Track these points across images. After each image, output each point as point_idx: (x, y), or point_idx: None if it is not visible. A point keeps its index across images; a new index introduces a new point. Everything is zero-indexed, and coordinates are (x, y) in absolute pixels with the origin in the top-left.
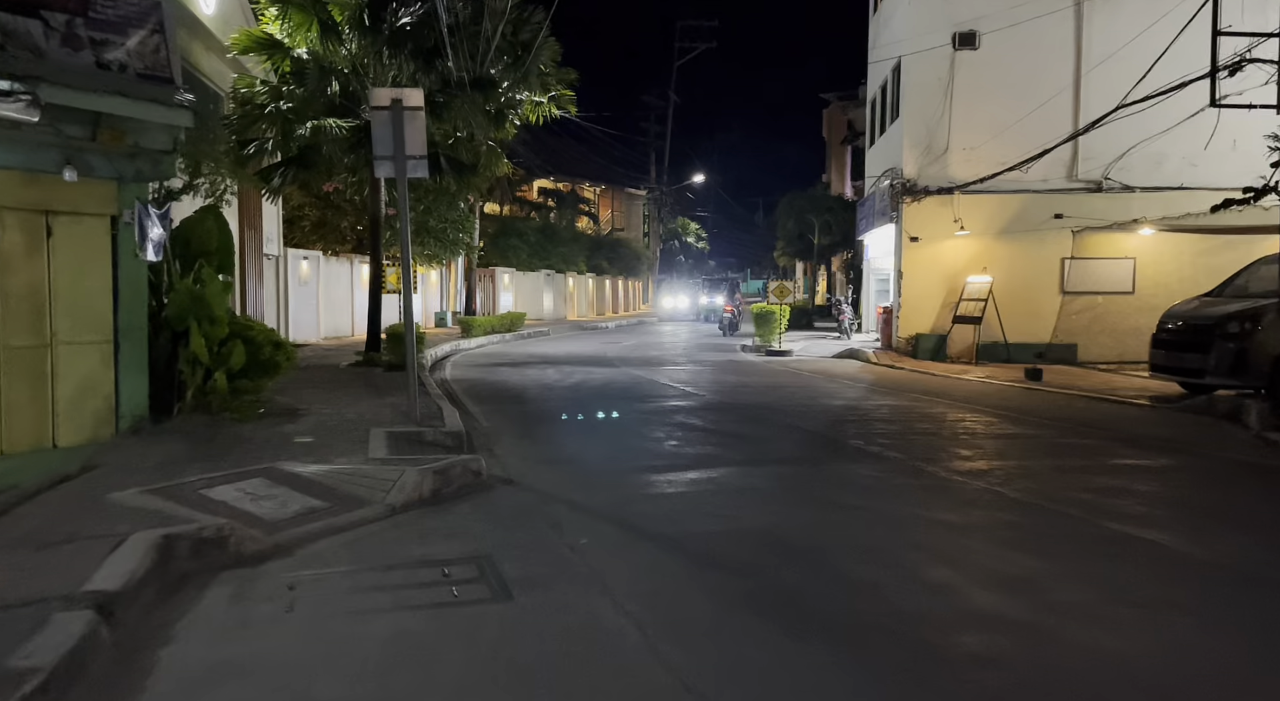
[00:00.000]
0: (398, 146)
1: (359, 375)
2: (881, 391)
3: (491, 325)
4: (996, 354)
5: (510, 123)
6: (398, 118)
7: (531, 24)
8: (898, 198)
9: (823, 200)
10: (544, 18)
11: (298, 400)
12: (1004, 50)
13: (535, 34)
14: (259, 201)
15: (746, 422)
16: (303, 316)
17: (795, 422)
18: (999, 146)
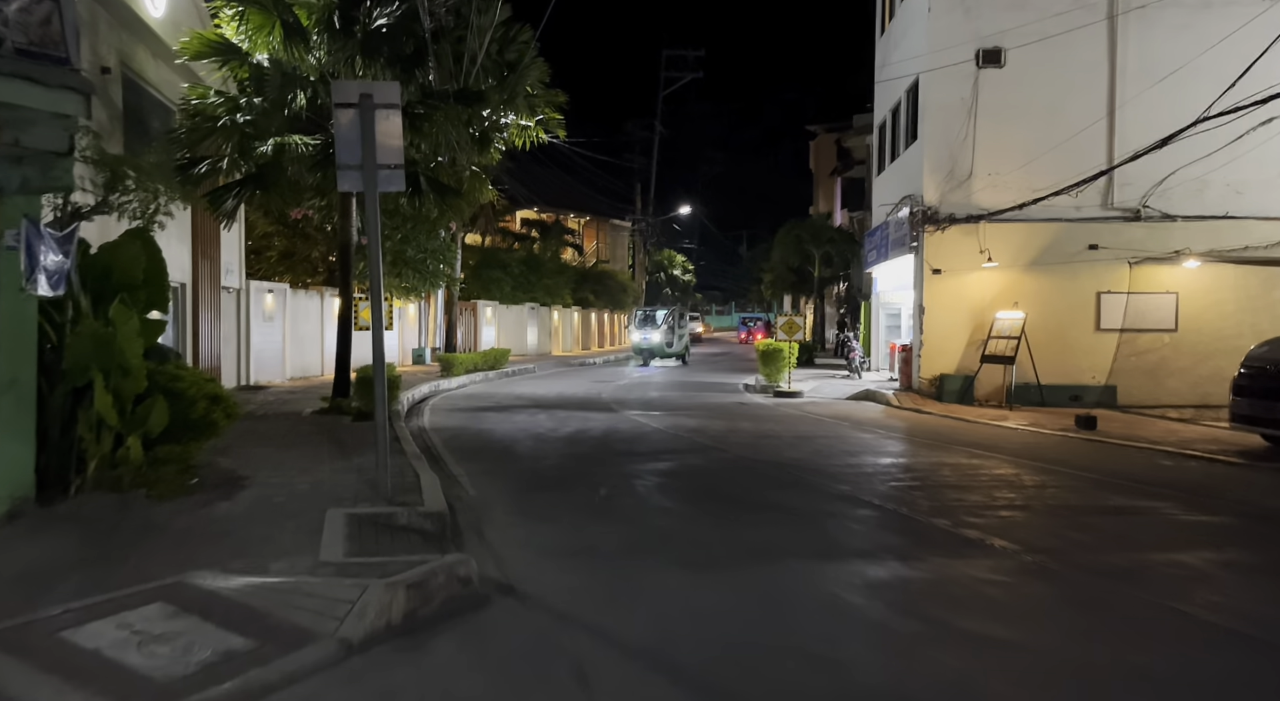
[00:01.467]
0: (367, 153)
1: (322, 426)
2: (924, 444)
3: (474, 363)
4: (1029, 396)
5: (495, 147)
6: (367, 117)
7: (518, 42)
8: (918, 226)
9: (824, 230)
10: (531, 35)
11: (243, 463)
12: (1032, 68)
13: (522, 53)
14: (216, 228)
15: (790, 490)
16: (266, 355)
17: (849, 491)
18: (1028, 172)
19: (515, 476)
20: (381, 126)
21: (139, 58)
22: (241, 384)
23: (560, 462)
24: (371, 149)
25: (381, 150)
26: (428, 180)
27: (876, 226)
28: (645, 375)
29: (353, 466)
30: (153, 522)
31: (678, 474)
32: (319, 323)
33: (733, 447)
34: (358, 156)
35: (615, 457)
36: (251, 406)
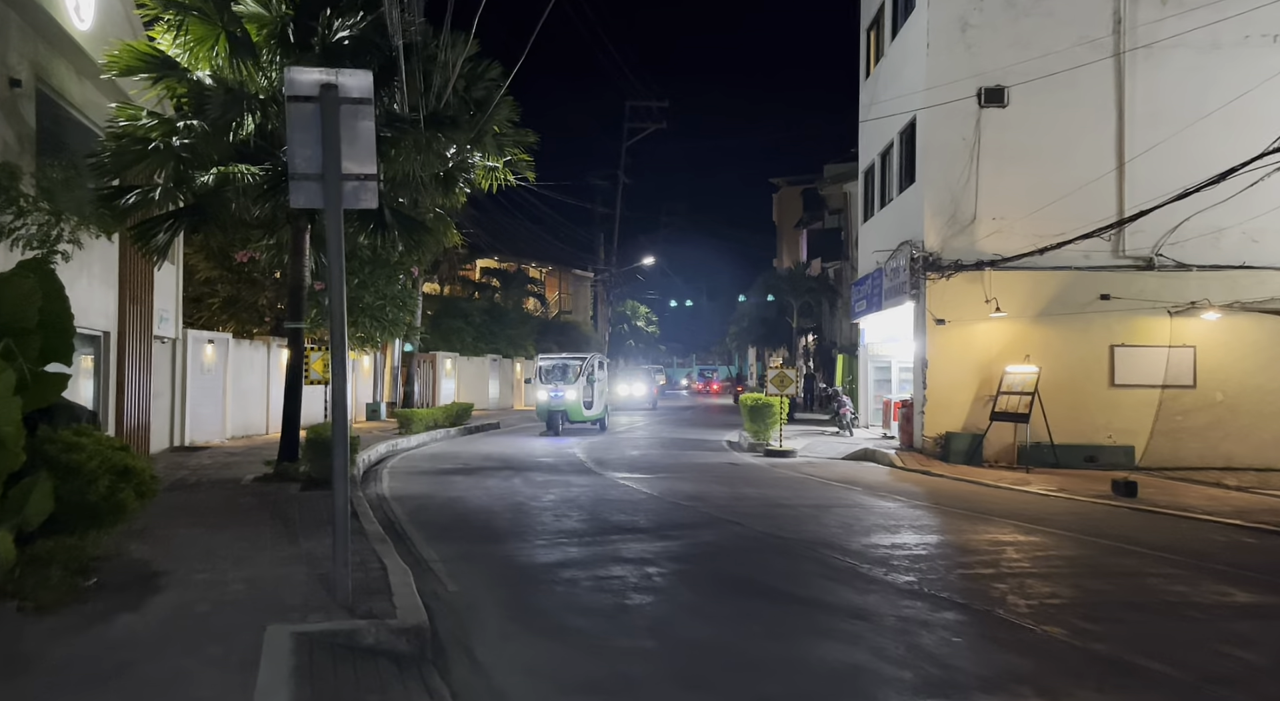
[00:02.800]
0: (329, 159)
1: (266, 497)
2: (959, 515)
3: (434, 418)
4: (1041, 457)
5: (460, 189)
6: (330, 114)
7: (486, 80)
8: (919, 274)
9: (802, 281)
10: (501, 71)
11: (163, 551)
12: (1037, 108)
13: (491, 91)
14: (148, 270)
15: (843, 581)
16: (205, 412)
17: (915, 583)
18: (1034, 216)
19: (501, 564)
20: (349, 126)
21: (59, 73)
22: (175, 445)
23: (551, 543)
24: (336, 154)
25: (349, 155)
26: (393, 214)
27: (866, 275)
28: (611, 436)
29: (301, 553)
30: (18, 653)
31: (697, 557)
32: (264, 376)
33: (747, 520)
34: (317, 164)
35: (615, 535)
36: (183, 472)
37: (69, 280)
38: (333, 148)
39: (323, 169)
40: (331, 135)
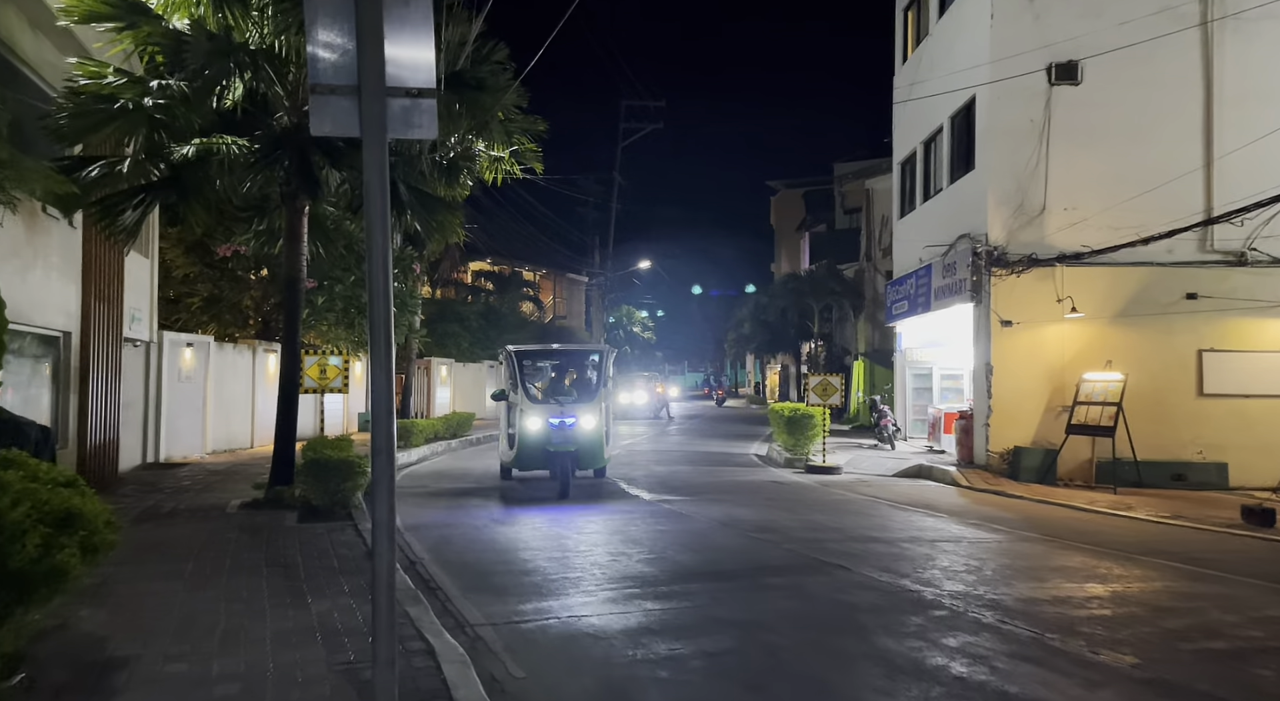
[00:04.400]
0: (369, 58)
1: (257, 531)
2: (1086, 550)
3: (435, 429)
4: (1122, 474)
5: (464, 180)
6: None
7: (492, 61)
8: (982, 271)
9: (824, 282)
10: (506, 54)
11: (126, 617)
12: (1113, 85)
13: (496, 74)
14: (117, 263)
15: (1046, 665)
16: (183, 423)
17: (1138, 667)
18: (1110, 205)
19: (570, 631)
20: (397, 8)
21: (7, 22)
22: (148, 461)
23: (621, 594)
24: (378, 52)
25: (397, 56)
26: (410, 190)
27: (906, 274)
28: (634, 447)
29: (313, 622)
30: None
31: (821, 622)
32: (249, 383)
33: (849, 560)
34: (350, 69)
35: (696, 583)
36: (157, 495)
37: (19, 269)
38: (373, 41)
39: (358, 75)
40: (371, 21)
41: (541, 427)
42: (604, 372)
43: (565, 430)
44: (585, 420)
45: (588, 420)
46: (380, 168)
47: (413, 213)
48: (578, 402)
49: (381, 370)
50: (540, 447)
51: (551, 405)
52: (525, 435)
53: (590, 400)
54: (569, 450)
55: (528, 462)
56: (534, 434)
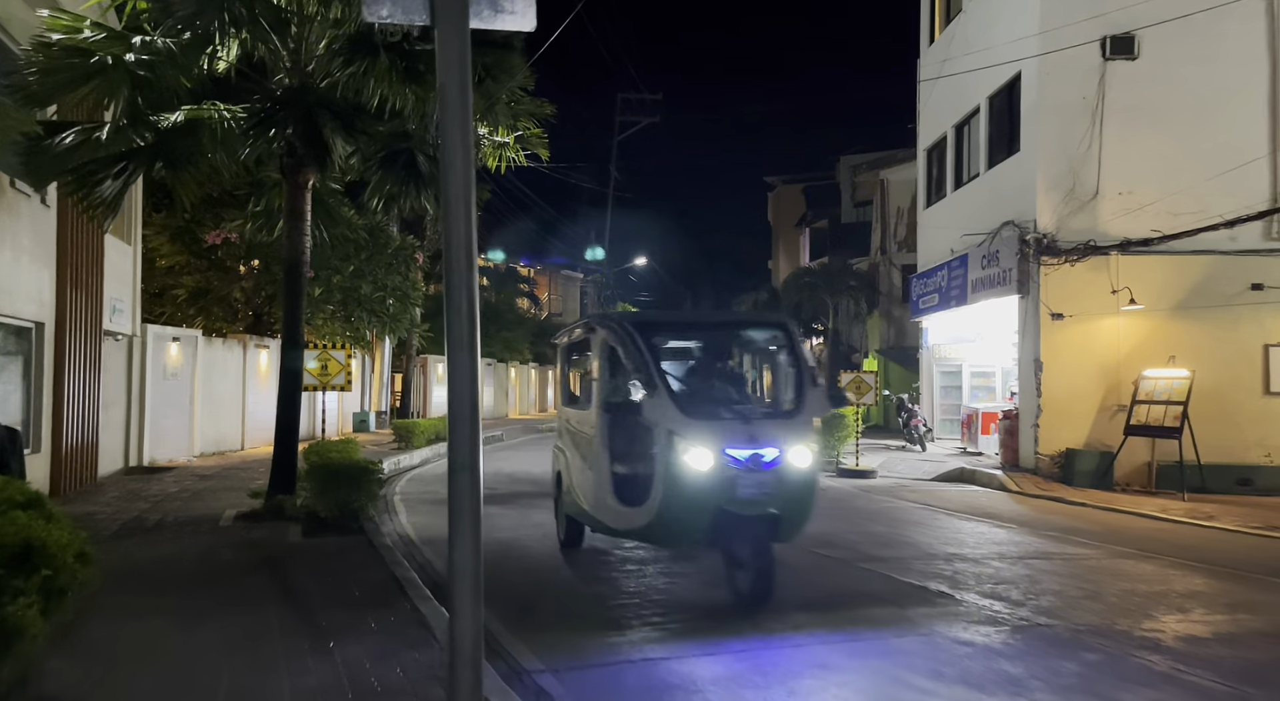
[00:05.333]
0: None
1: (257, 548)
2: (1202, 570)
3: (435, 430)
4: (1181, 479)
5: None
6: None
7: (495, 43)
8: (1029, 260)
9: (840, 277)
10: (510, 33)
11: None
12: (1172, 59)
13: (501, 56)
14: (96, 247)
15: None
16: (168, 424)
17: None
18: (1170, 189)
19: (649, 679)
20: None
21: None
22: (131, 465)
23: (691, 626)
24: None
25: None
26: (429, 160)
27: (936, 266)
28: None
29: (339, 675)
30: None
31: (968, 675)
32: (239, 381)
33: (941, 581)
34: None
35: (777, 620)
36: (141, 505)
37: None
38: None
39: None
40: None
41: (716, 470)
42: (803, 365)
43: (760, 473)
44: (795, 454)
45: (798, 454)
46: (460, 66)
47: (434, 186)
48: (774, 419)
49: (464, 356)
50: (710, 506)
51: (730, 424)
52: (680, 482)
53: (795, 415)
54: (765, 512)
55: (676, 531)
56: (700, 480)
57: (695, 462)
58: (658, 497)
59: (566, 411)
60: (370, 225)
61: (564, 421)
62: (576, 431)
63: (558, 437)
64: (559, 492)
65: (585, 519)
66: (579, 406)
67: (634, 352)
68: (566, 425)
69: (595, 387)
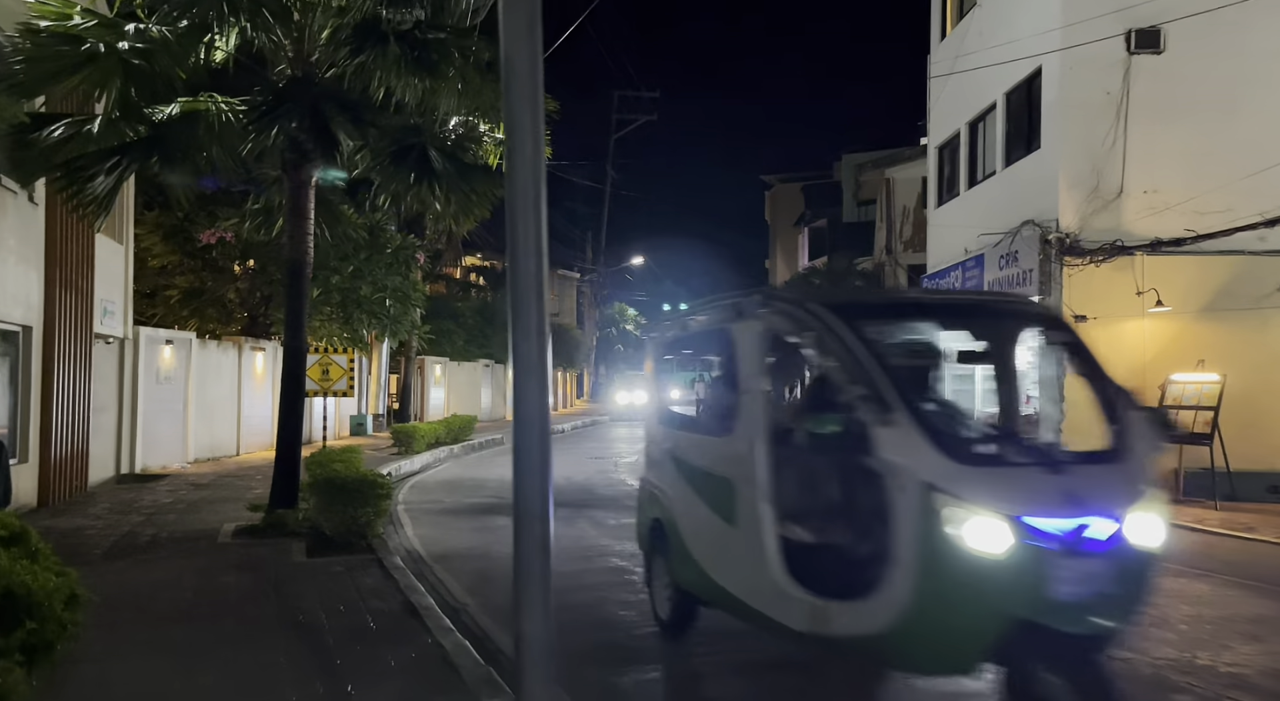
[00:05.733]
0: None
1: (260, 570)
2: (1262, 588)
3: (436, 434)
4: (1210, 486)
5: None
6: None
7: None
8: (1052, 260)
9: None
10: None
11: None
12: (1199, 53)
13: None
14: (86, 247)
15: None
16: (161, 429)
17: None
18: (1196, 187)
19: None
20: None
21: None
22: (123, 472)
23: (780, 664)
24: None
25: None
26: (442, 156)
27: (949, 266)
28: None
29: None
30: None
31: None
32: (234, 384)
33: None
34: None
35: None
36: (134, 518)
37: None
38: None
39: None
40: None
41: (1014, 553)
42: (1106, 378)
43: (1088, 560)
44: (1140, 526)
45: (1146, 526)
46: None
47: (448, 183)
48: (1095, 466)
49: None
50: (999, 614)
51: (1029, 475)
52: (946, 573)
53: (1124, 458)
54: (1097, 627)
55: (933, 652)
56: (984, 571)
57: (977, 539)
58: (900, 596)
59: (677, 436)
60: (370, 224)
61: (667, 450)
62: (699, 468)
63: (649, 470)
64: (656, 552)
65: (722, 601)
66: (707, 430)
67: (843, 353)
68: (674, 455)
69: (749, 404)
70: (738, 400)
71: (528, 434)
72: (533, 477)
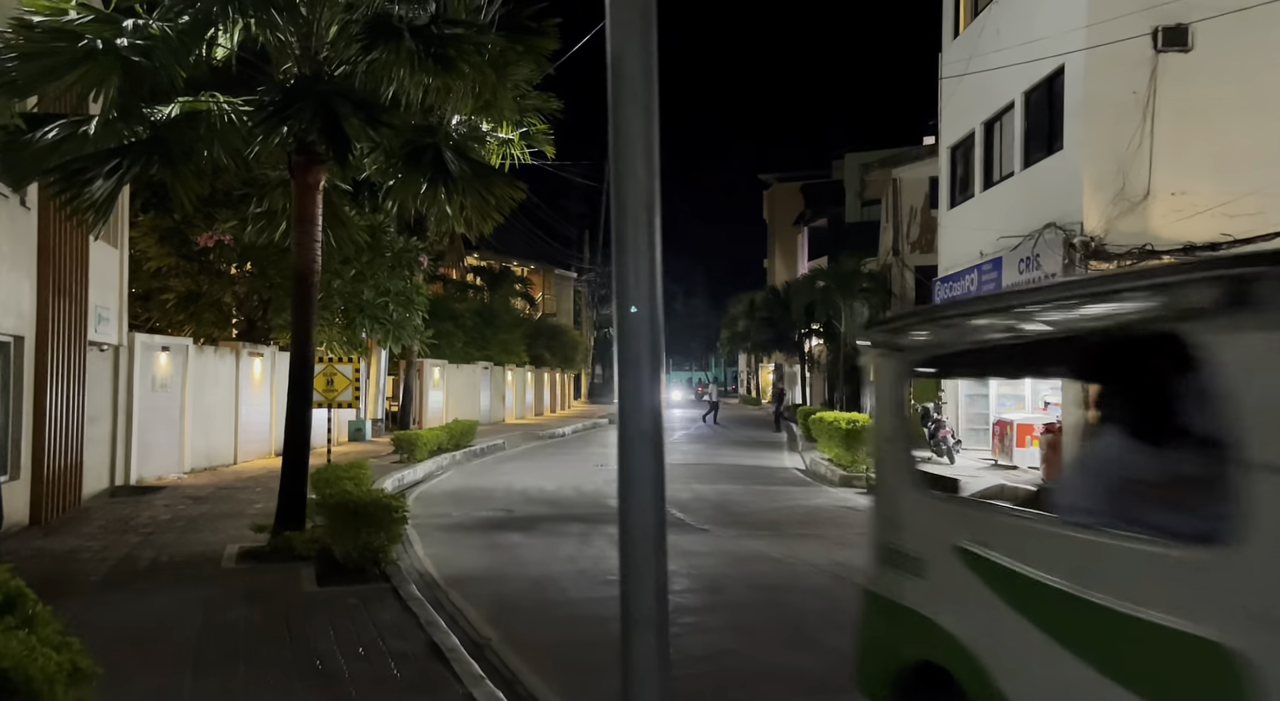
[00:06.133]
0: None
1: (269, 603)
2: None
3: (438, 441)
4: None
5: None
6: None
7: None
8: (1076, 264)
9: (853, 278)
10: None
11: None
12: (1228, 52)
13: (508, 49)
14: (80, 252)
15: None
16: (158, 439)
17: None
18: (1225, 190)
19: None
20: None
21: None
22: (118, 483)
23: None
24: None
25: None
26: (459, 157)
27: (964, 269)
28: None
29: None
30: None
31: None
32: (231, 391)
33: None
34: None
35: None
36: (130, 538)
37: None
38: None
39: None
40: None
41: None
42: None
43: None
44: None
45: None
46: (644, 26)
47: (465, 186)
48: None
49: (644, 417)
50: None
51: None
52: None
53: None
54: None
55: None
56: None
57: None
58: None
59: (993, 523)
60: (371, 226)
61: (958, 548)
62: (1093, 603)
63: (892, 573)
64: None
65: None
66: (1104, 523)
67: None
68: (990, 562)
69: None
70: (1226, 475)
71: (638, 466)
72: (646, 583)
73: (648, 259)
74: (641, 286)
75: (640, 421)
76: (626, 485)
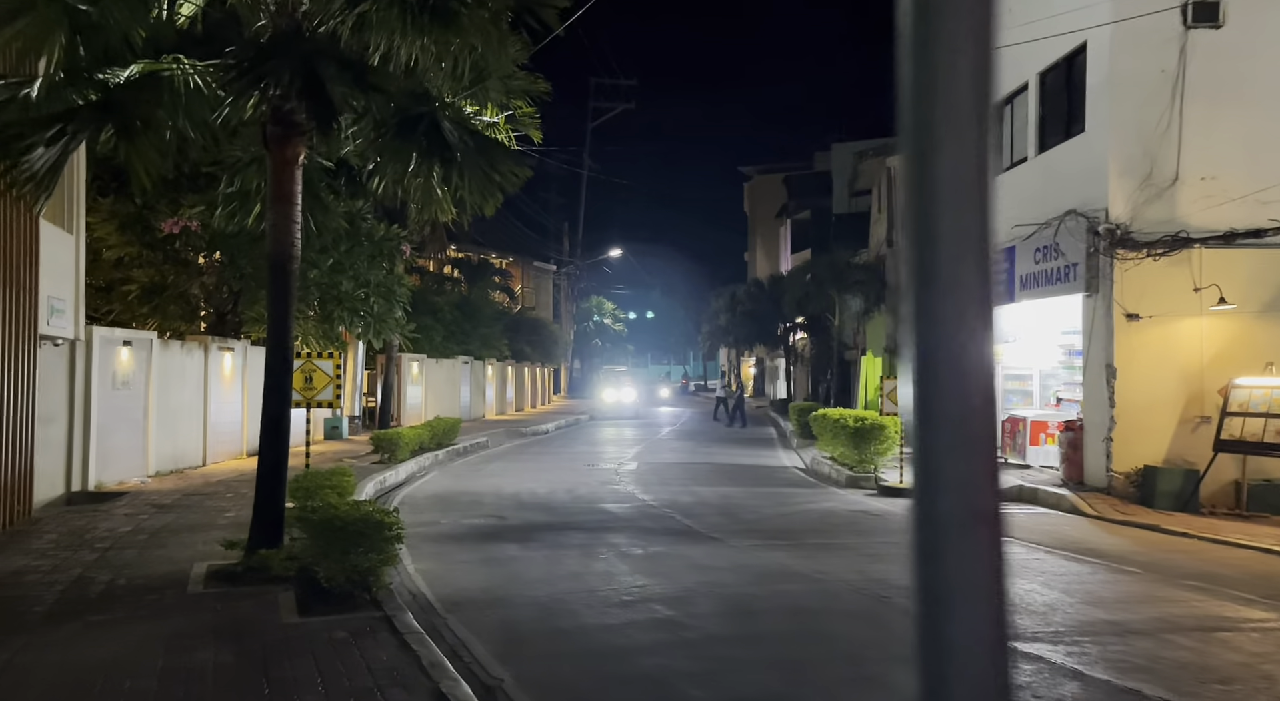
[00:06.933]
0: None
1: (240, 641)
2: None
3: (420, 440)
4: (1272, 500)
5: None
6: None
7: None
8: (1100, 253)
9: (847, 270)
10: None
11: None
12: (1262, 28)
13: None
14: (28, 238)
15: None
16: (119, 440)
17: None
18: (1263, 175)
19: None
20: None
21: None
22: (75, 490)
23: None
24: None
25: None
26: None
27: None
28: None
29: None
30: None
31: None
32: (199, 389)
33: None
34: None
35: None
36: (86, 555)
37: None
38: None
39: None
40: None
41: None
42: None
43: None
44: None
45: None
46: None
47: (465, 160)
48: None
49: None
50: None
51: None
52: None
53: None
54: None
55: None
56: None
57: None
58: None
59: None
60: (349, 212)
61: None
62: None
63: None
64: None
65: None
66: None
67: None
68: None
69: None
70: None
71: None
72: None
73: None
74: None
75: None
76: None
